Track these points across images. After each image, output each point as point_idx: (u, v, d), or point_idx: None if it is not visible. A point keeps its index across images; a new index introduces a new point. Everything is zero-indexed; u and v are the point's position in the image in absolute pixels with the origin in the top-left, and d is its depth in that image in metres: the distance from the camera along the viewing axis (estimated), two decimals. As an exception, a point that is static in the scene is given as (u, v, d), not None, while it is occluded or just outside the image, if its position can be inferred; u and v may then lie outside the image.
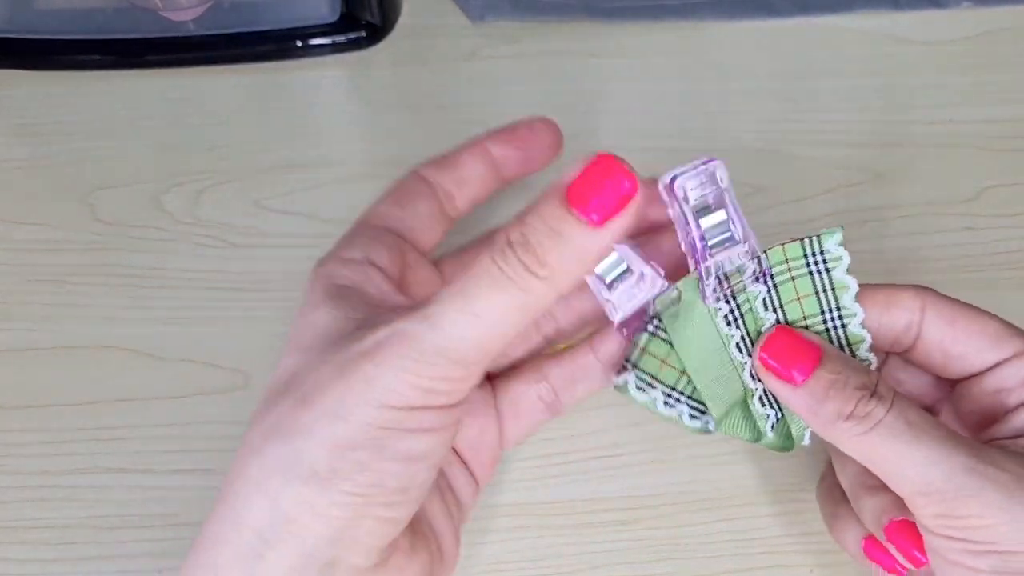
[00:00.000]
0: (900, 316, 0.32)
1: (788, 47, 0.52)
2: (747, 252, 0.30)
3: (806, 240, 0.32)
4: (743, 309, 0.31)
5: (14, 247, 0.46)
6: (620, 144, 0.48)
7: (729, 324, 0.31)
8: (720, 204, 0.29)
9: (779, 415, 0.33)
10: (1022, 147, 0.49)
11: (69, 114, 0.50)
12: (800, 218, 0.46)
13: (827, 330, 0.32)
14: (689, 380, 0.32)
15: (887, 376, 0.35)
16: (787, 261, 0.32)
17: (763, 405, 0.32)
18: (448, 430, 0.28)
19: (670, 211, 0.30)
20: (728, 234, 0.30)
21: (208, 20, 0.50)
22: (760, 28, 0.53)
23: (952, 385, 0.34)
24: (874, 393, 0.29)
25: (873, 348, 0.32)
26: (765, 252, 0.31)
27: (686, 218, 0.29)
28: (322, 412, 0.27)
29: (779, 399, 0.32)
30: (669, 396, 0.32)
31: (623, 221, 0.26)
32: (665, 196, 0.29)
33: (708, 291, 0.31)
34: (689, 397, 0.32)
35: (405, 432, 0.27)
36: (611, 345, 0.34)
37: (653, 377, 0.32)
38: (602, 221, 0.26)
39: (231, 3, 0.50)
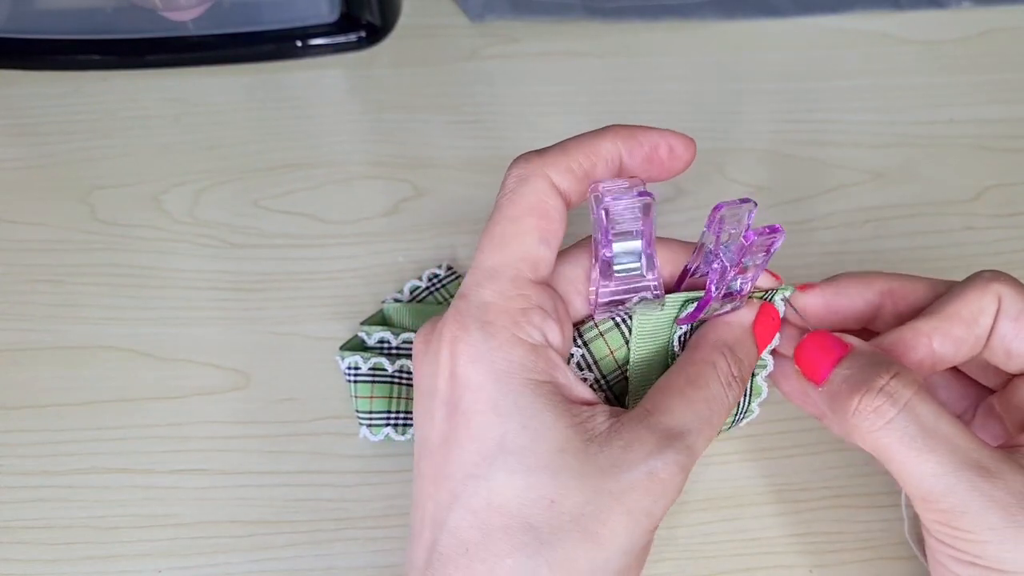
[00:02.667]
0: (984, 324, 0.32)
1: (788, 47, 0.52)
2: (740, 301, 0.31)
3: (767, 293, 0.33)
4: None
5: (14, 247, 0.46)
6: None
7: (680, 344, 0.33)
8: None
9: None
10: (1022, 147, 0.49)
11: (69, 114, 0.50)
12: (800, 218, 0.46)
13: None
14: (622, 376, 0.33)
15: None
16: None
17: None
18: None
19: (705, 234, 0.30)
20: (739, 286, 0.30)
21: (208, 20, 0.50)
22: (760, 28, 0.53)
23: (998, 386, 0.34)
24: (883, 389, 0.29)
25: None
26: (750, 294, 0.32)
27: (718, 251, 0.30)
28: (615, 549, 0.28)
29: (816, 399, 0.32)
30: (598, 382, 0.33)
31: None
32: (712, 222, 0.29)
33: (688, 315, 0.32)
34: (611, 387, 0.33)
35: (652, 540, 0.30)
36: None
37: (595, 362, 0.32)
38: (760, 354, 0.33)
39: (231, 3, 0.50)
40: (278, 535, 0.39)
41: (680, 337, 0.32)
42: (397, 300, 0.43)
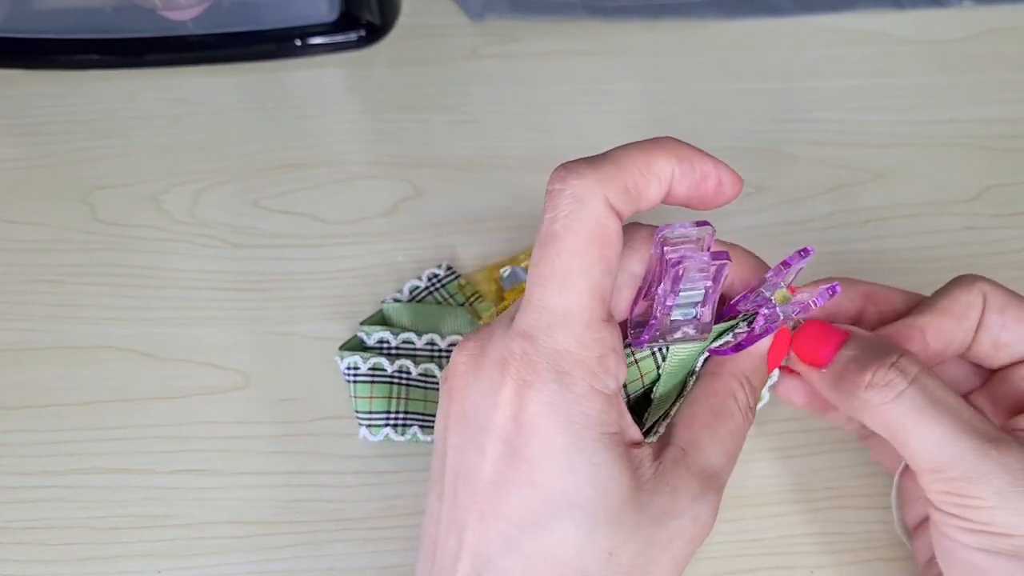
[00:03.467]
0: (972, 318, 0.33)
1: (788, 47, 0.52)
2: (699, 335, 0.31)
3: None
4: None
5: (14, 247, 0.46)
6: (620, 144, 0.48)
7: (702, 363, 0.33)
8: (703, 291, 0.29)
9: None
10: (1022, 147, 0.49)
11: (69, 114, 0.50)
12: (800, 218, 0.46)
13: None
14: (644, 393, 0.33)
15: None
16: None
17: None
18: None
19: (652, 254, 0.29)
20: (693, 314, 0.29)
21: (207, 20, 0.50)
22: (760, 27, 0.53)
23: (990, 372, 0.35)
24: (894, 364, 0.30)
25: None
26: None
27: (664, 274, 0.28)
28: None
29: (813, 386, 0.33)
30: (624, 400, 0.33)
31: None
32: (655, 244, 0.28)
33: (718, 343, 0.31)
34: (627, 397, 0.33)
35: None
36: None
37: (624, 385, 0.32)
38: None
39: (231, 3, 0.50)
40: (278, 535, 0.39)
41: (705, 358, 0.32)
42: (397, 300, 0.43)
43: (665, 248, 0.27)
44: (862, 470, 0.40)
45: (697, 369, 0.32)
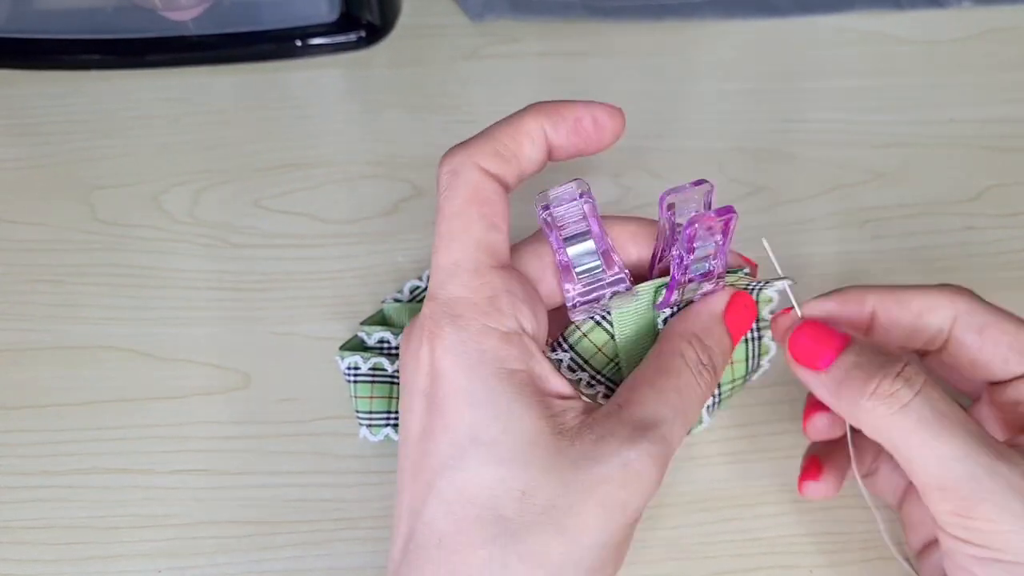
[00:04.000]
0: (932, 323, 0.33)
1: (788, 47, 0.52)
2: (715, 280, 0.31)
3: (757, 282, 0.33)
4: None
5: (14, 247, 0.46)
6: (620, 144, 0.48)
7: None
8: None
9: None
10: (1022, 147, 0.49)
11: (69, 114, 0.50)
12: (800, 218, 0.46)
13: (746, 339, 0.34)
14: (616, 367, 0.33)
15: (929, 368, 0.36)
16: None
17: None
18: None
19: (660, 221, 0.30)
20: (708, 266, 0.30)
21: (208, 20, 0.50)
22: (760, 28, 0.53)
23: (988, 385, 0.34)
24: (900, 374, 0.29)
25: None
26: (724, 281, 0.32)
27: (676, 237, 0.29)
28: (590, 544, 0.27)
29: (808, 388, 0.32)
30: (593, 378, 0.33)
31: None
32: (662, 210, 0.30)
33: (665, 301, 0.31)
34: (608, 379, 0.33)
35: (631, 536, 0.29)
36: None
37: (586, 361, 0.32)
38: (736, 343, 0.32)
39: (231, 3, 0.50)
40: (278, 535, 0.39)
41: (664, 321, 0.32)
42: (397, 300, 0.43)
43: (671, 214, 0.29)
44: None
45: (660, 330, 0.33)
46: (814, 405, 0.36)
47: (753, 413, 0.41)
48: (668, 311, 0.32)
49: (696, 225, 0.28)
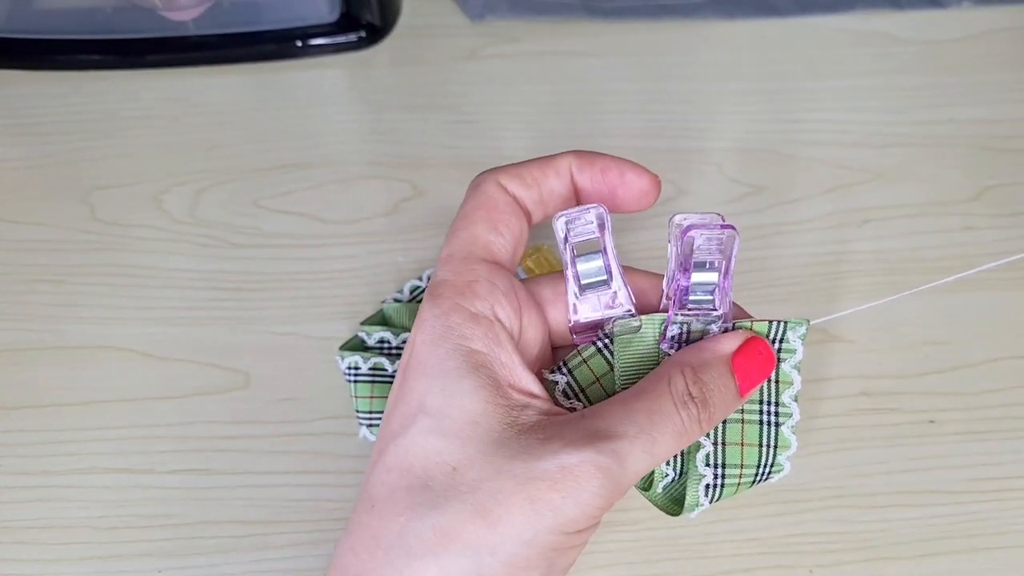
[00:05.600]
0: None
1: (788, 47, 0.52)
2: (720, 320, 0.31)
3: (773, 323, 0.31)
4: None
5: (14, 247, 0.46)
6: (620, 144, 0.48)
7: None
8: (716, 270, 0.30)
9: (676, 477, 0.32)
10: (1022, 147, 0.49)
11: (69, 114, 0.50)
12: (800, 218, 0.46)
13: (761, 422, 0.31)
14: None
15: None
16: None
17: (666, 463, 0.32)
18: (590, 535, 0.29)
19: (670, 248, 0.30)
20: (710, 298, 0.30)
21: (208, 20, 0.50)
22: (760, 28, 0.53)
23: None
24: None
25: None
26: (734, 323, 0.31)
27: (683, 264, 0.29)
28: (510, 536, 0.27)
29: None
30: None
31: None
32: (673, 236, 0.30)
33: (667, 336, 0.31)
34: None
35: (569, 549, 0.28)
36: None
37: (581, 389, 0.32)
38: (745, 393, 0.30)
39: (231, 3, 0.50)
40: (278, 535, 0.39)
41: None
42: (397, 300, 0.43)
43: (674, 227, 0.30)
44: (861, 470, 0.40)
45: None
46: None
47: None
48: (671, 346, 0.31)
49: (694, 231, 0.28)
